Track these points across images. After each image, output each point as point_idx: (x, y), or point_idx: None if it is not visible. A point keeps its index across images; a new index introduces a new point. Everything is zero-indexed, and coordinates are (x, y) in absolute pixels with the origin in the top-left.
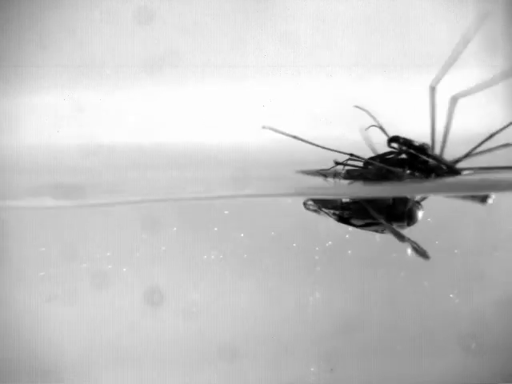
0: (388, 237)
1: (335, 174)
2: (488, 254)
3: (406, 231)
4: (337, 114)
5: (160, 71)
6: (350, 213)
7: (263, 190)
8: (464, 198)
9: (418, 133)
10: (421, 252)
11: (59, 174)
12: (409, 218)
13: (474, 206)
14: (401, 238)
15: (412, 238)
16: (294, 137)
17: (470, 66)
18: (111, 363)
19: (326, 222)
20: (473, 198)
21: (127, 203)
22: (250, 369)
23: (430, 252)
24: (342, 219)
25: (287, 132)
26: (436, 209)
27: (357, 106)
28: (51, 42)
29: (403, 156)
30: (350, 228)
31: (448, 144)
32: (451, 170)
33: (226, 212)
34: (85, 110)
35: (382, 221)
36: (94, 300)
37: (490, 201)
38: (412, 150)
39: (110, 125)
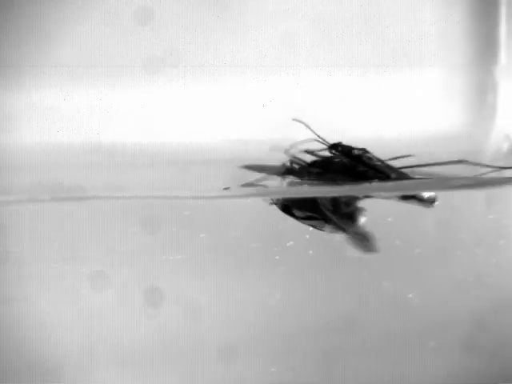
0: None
1: (279, 173)
2: (487, 253)
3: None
4: (337, 114)
5: (160, 71)
6: (292, 202)
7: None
8: (410, 201)
9: (419, 132)
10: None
11: (59, 174)
12: (350, 220)
13: (472, 205)
14: (343, 229)
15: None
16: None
17: (469, 66)
18: (111, 363)
19: (286, 223)
20: (419, 201)
21: (127, 199)
22: (250, 369)
23: (428, 251)
24: (284, 208)
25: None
26: (438, 205)
27: (295, 119)
28: (51, 42)
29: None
30: (311, 228)
31: (406, 144)
32: (389, 178)
33: (187, 213)
34: (85, 110)
35: (328, 213)
36: (93, 300)
37: (435, 203)
38: (349, 159)
39: (110, 125)
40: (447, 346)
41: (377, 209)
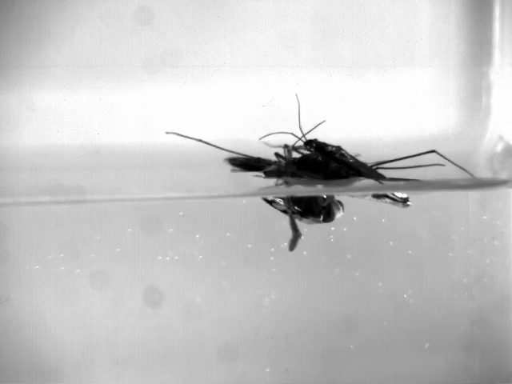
0: (342, 238)
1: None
2: (487, 252)
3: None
4: (337, 114)
5: (160, 71)
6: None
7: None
8: (383, 200)
9: (419, 132)
10: (291, 245)
11: (59, 174)
12: (326, 214)
13: (466, 206)
14: (295, 231)
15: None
16: (199, 140)
17: (463, 67)
18: (111, 363)
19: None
20: (392, 200)
21: (127, 201)
22: (250, 369)
23: (422, 252)
24: (267, 200)
25: (194, 136)
26: (431, 206)
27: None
28: (51, 42)
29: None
30: (305, 229)
31: (402, 144)
32: (360, 175)
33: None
34: (84, 110)
35: (288, 210)
36: (93, 300)
37: (409, 203)
38: (323, 156)
39: (110, 125)
40: (445, 346)
41: (371, 210)
